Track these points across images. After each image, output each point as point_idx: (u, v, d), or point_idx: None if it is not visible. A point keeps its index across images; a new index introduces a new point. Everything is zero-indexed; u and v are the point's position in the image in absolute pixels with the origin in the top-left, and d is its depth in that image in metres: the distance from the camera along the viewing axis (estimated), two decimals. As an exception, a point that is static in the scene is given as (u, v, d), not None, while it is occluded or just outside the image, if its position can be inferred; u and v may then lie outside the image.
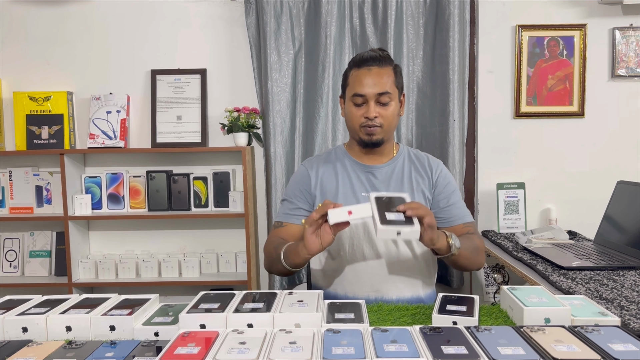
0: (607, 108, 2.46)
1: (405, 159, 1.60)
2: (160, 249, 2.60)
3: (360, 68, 1.47)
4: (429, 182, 1.57)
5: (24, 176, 2.55)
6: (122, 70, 2.54)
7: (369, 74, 1.46)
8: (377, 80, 1.45)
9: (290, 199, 1.60)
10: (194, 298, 1.12)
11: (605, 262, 1.68)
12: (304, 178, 1.59)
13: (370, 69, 1.46)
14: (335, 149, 1.65)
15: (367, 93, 1.45)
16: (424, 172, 1.58)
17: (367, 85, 1.45)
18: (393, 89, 1.47)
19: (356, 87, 1.46)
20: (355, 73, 1.48)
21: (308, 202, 1.58)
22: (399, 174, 1.56)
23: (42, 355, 0.90)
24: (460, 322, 1.02)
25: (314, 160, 1.64)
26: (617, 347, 0.87)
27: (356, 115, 1.48)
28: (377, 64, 1.47)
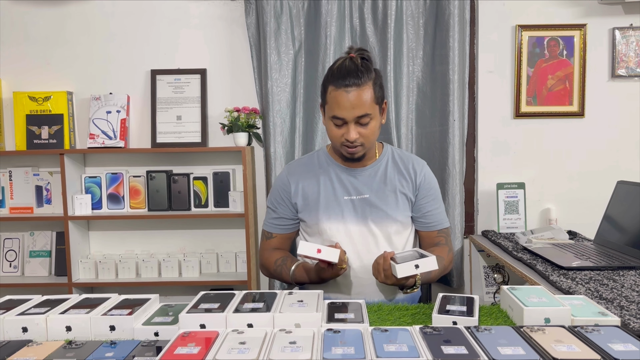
0: (607, 108, 2.46)
1: (389, 160, 1.59)
2: (160, 249, 2.60)
3: (338, 88, 1.40)
4: (412, 186, 1.57)
5: (24, 176, 2.55)
6: (122, 70, 2.54)
7: (347, 97, 1.39)
8: (356, 102, 1.39)
9: (272, 207, 1.62)
10: (194, 298, 1.12)
11: (605, 262, 1.68)
12: (284, 186, 1.59)
13: (349, 90, 1.39)
14: (317, 152, 1.64)
15: (346, 117, 1.41)
16: (408, 175, 1.57)
17: (345, 108, 1.40)
18: (372, 107, 1.42)
19: (335, 110, 1.42)
20: (334, 93, 1.41)
21: (289, 209, 1.59)
22: (382, 177, 1.56)
23: (42, 355, 0.90)
24: (460, 322, 1.02)
25: (295, 166, 1.63)
26: (617, 347, 0.87)
27: (336, 135, 1.46)
28: (355, 82, 1.38)
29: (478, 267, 2.45)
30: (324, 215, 1.53)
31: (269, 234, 1.62)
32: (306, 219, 1.56)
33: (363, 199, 1.53)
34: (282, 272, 1.54)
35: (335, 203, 1.53)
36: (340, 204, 1.53)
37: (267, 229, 1.63)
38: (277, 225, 1.61)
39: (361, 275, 1.50)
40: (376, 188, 1.54)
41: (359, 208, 1.52)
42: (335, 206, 1.53)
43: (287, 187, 1.58)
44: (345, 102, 1.40)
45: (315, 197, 1.55)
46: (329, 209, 1.53)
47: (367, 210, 1.52)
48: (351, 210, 1.52)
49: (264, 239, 1.64)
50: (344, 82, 1.39)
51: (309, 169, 1.60)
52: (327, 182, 1.56)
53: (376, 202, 1.52)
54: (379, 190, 1.54)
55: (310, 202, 1.55)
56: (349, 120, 1.42)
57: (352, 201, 1.53)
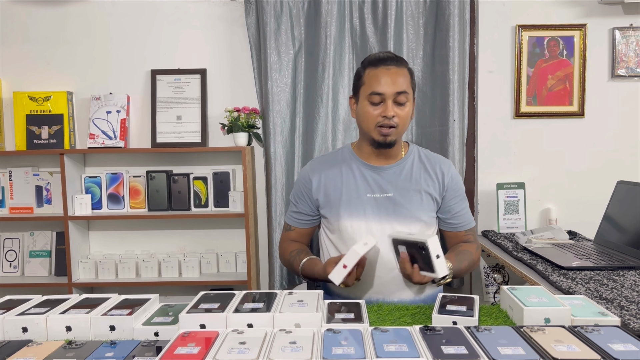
0: (607, 108, 2.46)
1: (415, 159, 1.58)
2: (160, 249, 2.60)
3: (377, 67, 1.46)
4: (440, 186, 1.56)
5: (24, 176, 2.55)
6: (122, 70, 2.54)
7: (388, 73, 1.44)
8: (395, 79, 1.44)
9: (294, 201, 1.65)
10: (194, 298, 1.12)
11: (605, 262, 1.68)
12: (305, 182, 1.60)
13: (389, 68, 1.45)
14: (342, 150, 1.64)
15: (385, 92, 1.43)
16: (435, 175, 1.56)
17: (385, 83, 1.43)
18: (409, 89, 1.48)
19: (374, 86, 1.44)
20: (373, 72, 1.46)
21: (309, 205, 1.60)
22: (407, 175, 1.54)
23: (42, 355, 0.90)
24: (460, 322, 1.02)
25: (319, 163, 1.63)
26: (617, 347, 0.87)
27: (372, 115, 1.46)
28: (394, 63, 1.46)
29: (478, 267, 2.45)
30: (345, 212, 1.51)
31: (288, 226, 1.66)
32: (327, 215, 1.55)
33: (387, 197, 1.51)
34: (293, 263, 1.56)
35: (357, 200, 1.52)
36: (362, 201, 1.51)
37: (288, 221, 1.66)
38: (296, 219, 1.63)
39: (381, 274, 1.49)
40: (401, 186, 1.53)
41: (383, 206, 1.51)
42: (357, 203, 1.51)
43: (309, 183, 1.58)
44: (385, 78, 1.44)
45: (337, 193, 1.54)
46: (351, 206, 1.51)
47: (391, 209, 1.50)
48: (374, 208, 1.51)
49: (284, 230, 1.68)
50: (384, 63, 1.46)
51: (332, 165, 1.59)
52: (350, 179, 1.55)
53: (400, 201, 1.51)
54: (403, 189, 1.52)
55: (332, 198, 1.54)
56: (388, 96, 1.44)
57: (375, 199, 1.52)
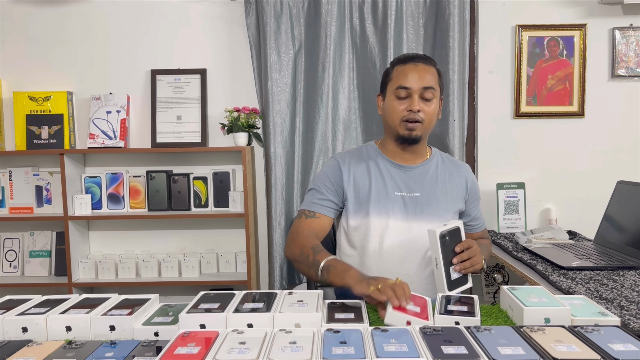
0: (607, 108, 2.46)
1: (439, 162, 1.60)
2: (160, 249, 2.60)
3: (406, 64, 1.50)
4: (464, 189, 1.58)
5: (24, 176, 2.55)
6: (122, 70, 2.54)
7: (415, 69, 1.48)
8: (423, 75, 1.47)
9: (319, 189, 1.54)
10: (194, 298, 1.12)
11: (605, 262, 1.68)
12: (335, 171, 1.55)
13: (417, 64, 1.49)
14: (366, 147, 1.62)
15: (412, 86, 1.46)
16: (458, 177, 1.59)
17: (412, 78, 1.47)
18: (437, 86, 1.50)
19: (401, 80, 1.48)
20: (401, 68, 1.50)
21: (338, 195, 1.54)
22: (433, 176, 1.56)
23: (42, 355, 0.90)
24: (462, 322, 1.02)
25: (346, 156, 1.59)
26: (617, 347, 0.87)
27: (398, 109, 1.48)
28: (422, 61, 1.50)
29: (478, 267, 2.45)
30: (374, 208, 1.50)
31: (310, 213, 1.51)
32: (354, 211, 1.51)
33: (414, 197, 1.52)
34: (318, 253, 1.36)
35: (386, 197, 1.51)
36: (391, 199, 1.51)
37: (311, 208, 1.51)
38: (323, 205, 1.52)
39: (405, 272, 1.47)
40: (427, 187, 1.53)
41: (410, 206, 1.51)
42: (386, 200, 1.51)
43: (340, 172, 1.54)
44: (413, 72, 1.47)
45: (366, 188, 1.52)
46: (380, 203, 1.50)
47: (418, 209, 1.51)
48: (401, 206, 1.51)
49: (302, 217, 1.51)
50: (412, 60, 1.50)
51: (359, 160, 1.57)
52: (378, 175, 1.54)
53: (427, 202, 1.51)
54: (430, 190, 1.53)
55: (362, 194, 1.52)
56: (415, 91, 1.46)
57: (402, 197, 1.52)
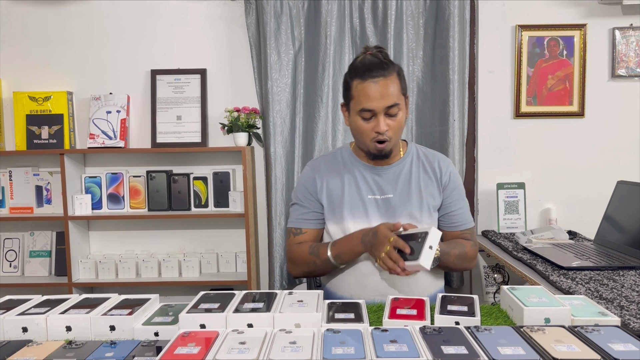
0: (607, 108, 2.46)
1: (414, 159, 1.57)
2: (160, 249, 2.60)
3: (365, 80, 1.40)
4: (437, 184, 1.55)
5: (24, 176, 2.55)
6: (122, 70, 2.54)
7: (376, 87, 1.39)
8: (385, 92, 1.39)
9: (301, 203, 1.57)
10: (194, 298, 1.12)
11: (605, 262, 1.68)
12: (310, 180, 1.57)
13: (377, 80, 1.39)
14: (341, 150, 1.62)
15: (376, 108, 1.39)
16: (433, 173, 1.56)
17: (374, 99, 1.39)
18: (400, 98, 1.43)
19: (363, 102, 1.40)
20: (361, 86, 1.41)
21: (318, 204, 1.56)
22: (407, 176, 1.54)
23: (42, 355, 0.90)
24: (462, 322, 1.02)
25: (320, 163, 1.60)
26: (617, 347, 0.87)
27: (366, 130, 1.44)
28: (382, 73, 1.40)
29: (478, 267, 2.45)
30: (348, 214, 1.50)
31: (297, 230, 1.56)
32: (331, 217, 1.53)
33: (387, 199, 1.51)
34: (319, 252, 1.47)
35: (359, 202, 1.51)
36: (364, 203, 1.51)
37: (296, 225, 1.56)
38: (307, 219, 1.55)
39: (386, 276, 1.47)
40: (400, 188, 1.52)
41: (383, 208, 1.50)
42: (359, 205, 1.51)
43: (314, 181, 1.56)
44: (374, 93, 1.39)
45: (339, 195, 1.52)
46: (354, 208, 1.51)
47: (391, 211, 1.50)
48: (375, 210, 1.50)
49: (290, 236, 1.57)
50: (370, 74, 1.39)
51: (332, 166, 1.57)
52: (352, 181, 1.54)
53: (400, 203, 1.50)
54: (403, 190, 1.52)
55: (335, 200, 1.53)
56: (379, 111, 1.40)
57: (375, 200, 1.51)
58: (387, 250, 1.28)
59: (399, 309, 1.10)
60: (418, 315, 1.06)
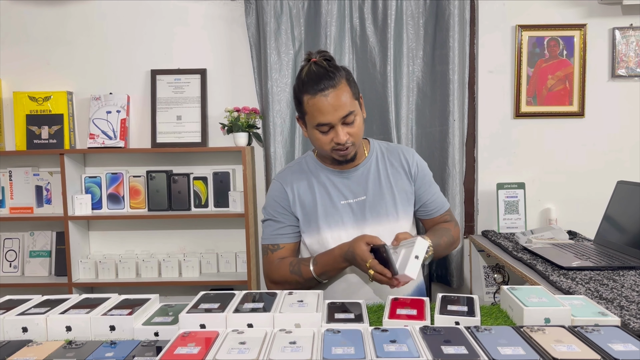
0: (607, 108, 2.46)
1: (378, 156, 1.55)
2: (160, 249, 2.60)
3: (315, 95, 1.35)
4: (407, 176, 1.54)
5: (24, 176, 2.55)
6: (122, 70, 2.54)
7: (327, 101, 1.34)
8: (337, 103, 1.34)
9: (275, 219, 1.52)
10: (194, 298, 1.12)
11: (605, 262, 1.68)
12: (281, 194, 1.52)
13: (326, 94, 1.34)
14: (305, 158, 1.58)
15: (331, 120, 1.35)
16: (400, 166, 1.54)
17: (329, 112, 1.34)
18: (353, 104, 1.38)
19: (317, 117, 1.36)
20: (312, 101, 1.35)
21: (292, 217, 1.51)
22: (375, 174, 1.52)
23: (42, 355, 0.90)
24: (462, 322, 1.02)
25: (287, 174, 1.55)
26: (617, 347, 0.87)
27: (325, 142, 1.40)
28: (330, 84, 1.34)
29: (478, 267, 2.45)
30: (324, 223, 1.47)
31: (274, 247, 1.51)
32: (306, 229, 1.50)
33: (360, 201, 1.49)
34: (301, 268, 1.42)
35: (333, 209, 1.48)
36: (338, 210, 1.48)
37: (272, 241, 1.51)
38: (283, 234, 1.51)
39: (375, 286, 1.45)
40: (372, 187, 1.50)
41: (358, 211, 1.49)
42: (334, 212, 1.48)
43: (285, 194, 1.51)
44: (326, 107, 1.34)
45: (312, 205, 1.49)
46: (328, 216, 1.48)
47: (367, 213, 1.48)
48: (350, 214, 1.48)
49: (268, 254, 1.51)
50: (318, 87, 1.34)
51: (300, 176, 1.53)
52: (322, 188, 1.51)
53: (374, 203, 1.49)
54: (375, 190, 1.50)
55: (309, 210, 1.50)
56: (335, 123, 1.36)
57: (349, 205, 1.49)
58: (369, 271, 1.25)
59: (399, 309, 1.10)
60: (418, 315, 1.06)
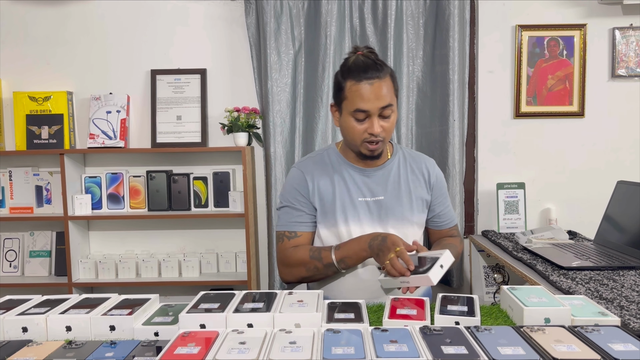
0: (607, 108, 2.46)
1: (401, 160, 1.57)
2: (160, 249, 2.60)
3: (360, 81, 1.38)
4: (426, 185, 1.56)
5: (24, 176, 2.55)
6: (122, 70, 2.54)
7: (372, 89, 1.37)
8: (380, 93, 1.37)
9: (292, 205, 1.52)
10: (194, 298, 1.12)
11: (605, 262, 1.68)
12: (302, 182, 1.52)
13: (372, 82, 1.37)
14: (327, 151, 1.58)
15: (370, 109, 1.38)
16: (421, 174, 1.56)
17: (369, 100, 1.37)
18: (393, 99, 1.41)
19: (358, 103, 1.38)
20: (355, 87, 1.38)
21: (311, 206, 1.52)
22: (395, 177, 1.53)
23: (42, 355, 0.90)
24: (462, 322, 1.02)
25: (308, 164, 1.56)
26: (617, 347, 0.87)
27: (358, 131, 1.42)
28: (377, 75, 1.38)
29: (478, 267, 2.45)
30: (341, 217, 1.48)
31: (291, 234, 1.50)
32: (322, 221, 1.50)
33: (378, 201, 1.50)
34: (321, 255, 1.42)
35: (351, 205, 1.49)
36: (355, 206, 1.49)
37: (289, 228, 1.50)
38: (301, 222, 1.50)
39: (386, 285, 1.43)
40: (391, 189, 1.51)
41: (375, 210, 1.49)
42: (351, 208, 1.49)
43: (305, 183, 1.51)
44: (369, 94, 1.37)
45: (331, 197, 1.50)
46: (346, 211, 1.48)
47: (383, 213, 1.49)
48: (366, 212, 1.49)
49: (284, 240, 1.50)
50: (365, 75, 1.38)
51: (321, 167, 1.54)
52: (342, 183, 1.51)
53: (392, 204, 1.49)
54: (393, 192, 1.51)
55: (327, 202, 1.50)
56: (373, 113, 1.38)
57: (366, 203, 1.49)
58: (391, 257, 1.26)
59: (399, 309, 1.10)
60: (418, 315, 1.06)
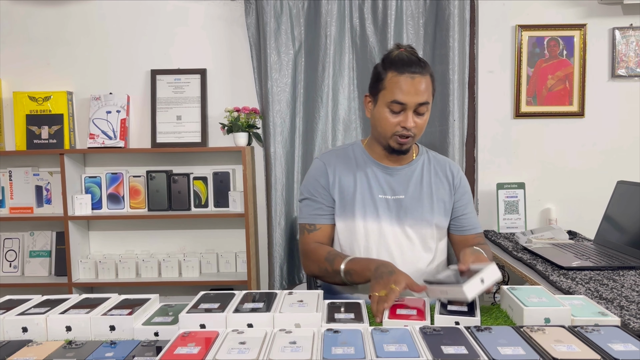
0: (607, 108, 2.46)
1: (425, 162, 1.57)
2: (160, 249, 2.60)
3: (402, 74, 1.39)
4: (450, 188, 1.55)
5: (24, 176, 2.55)
6: (122, 70, 2.54)
7: (412, 83, 1.39)
8: (419, 89, 1.39)
9: (313, 197, 1.53)
10: (194, 298, 1.12)
11: (605, 262, 1.68)
12: (323, 174, 1.53)
13: (414, 77, 1.39)
14: (352, 146, 1.59)
15: (408, 102, 1.39)
16: (445, 177, 1.56)
17: (409, 93, 1.39)
18: (430, 98, 1.44)
19: (397, 94, 1.39)
20: (396, 78, 1.40)
21: (330, 198, 1.52)
22: (418, 178, 1.53)
23: (42, 355, 0.90)
24: (462, 322, 1.02)
25: (331, 157, 1.56)
26: (617, 347, 0.87)
27: (391, 123, 1.42)
28: (419, 71, 1.40)
29: (478, 267, 2.45)
30: (359, 212, 1.48)
31: (311, 227, 1.52)
32: (340, 215, 1.50)
33: (398, 199, 1.50)
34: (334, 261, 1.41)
35: (370, 200, 1.49)
36: (375, 203, 1.49)
37: (310, 221, 1.52)
38: (321, 215, 1.51)
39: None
40: (412, 189, 1.51)
41: (394, 209, 1.49)
42: (370, 204, 1.49)
43: (326, 175, 1.52)
44: (409, 87, 1.39)
45: (351, 191, 1.50)
46: (365, 207, 1.49)
47: (402, 212, 1.49)
48: (385, 210, 1.49)
49: (305, 233, 1.52)
50: (409, 69, 1.39)
51: (344, 161, 1.55)
52: (363, 178, 1.51)
53: (411, 204, 1.49)
54: (414, 192, 1.51)
55: (347, 196, 1.50)
56: (410, 107, 1.40)
57: (386, 200, 1.49)
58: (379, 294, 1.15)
59: (399, 309, 1.10)
60: (418, 315, 1.06)
